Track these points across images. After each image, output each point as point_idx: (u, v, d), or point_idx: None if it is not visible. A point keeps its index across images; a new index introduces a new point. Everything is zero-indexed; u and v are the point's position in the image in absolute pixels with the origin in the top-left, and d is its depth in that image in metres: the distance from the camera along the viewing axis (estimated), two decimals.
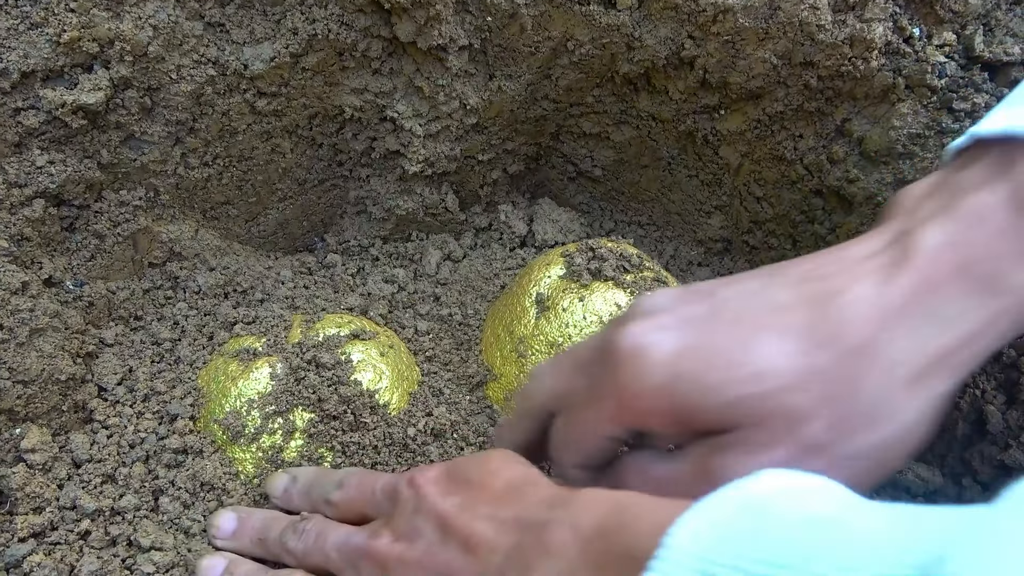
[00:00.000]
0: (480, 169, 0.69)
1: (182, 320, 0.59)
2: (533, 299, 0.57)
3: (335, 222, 0.72)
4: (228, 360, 0.54)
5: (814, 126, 0.60)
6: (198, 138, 0.59)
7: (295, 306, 0.62)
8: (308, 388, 0.51)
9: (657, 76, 0.63)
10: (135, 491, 0.49)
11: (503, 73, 0.62)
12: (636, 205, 0.75)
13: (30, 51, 0.51)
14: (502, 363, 0.57)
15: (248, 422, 0.51)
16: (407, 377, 0.57)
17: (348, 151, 0.67)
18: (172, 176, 0.60)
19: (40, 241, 0.54)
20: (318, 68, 0.59)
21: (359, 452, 0.51)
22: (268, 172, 0.64)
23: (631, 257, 0.58)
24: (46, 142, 0.53)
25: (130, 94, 0.54)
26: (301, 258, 0.69)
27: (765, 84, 0.59)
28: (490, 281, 0.66)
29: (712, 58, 0.59)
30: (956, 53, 0.55)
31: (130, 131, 0.56)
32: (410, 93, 0.62)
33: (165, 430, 0.52)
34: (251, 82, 0.58)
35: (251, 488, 0.50)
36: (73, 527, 0.47)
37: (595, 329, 0.54)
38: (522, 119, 0.67)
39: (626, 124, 0.69)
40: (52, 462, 0.49)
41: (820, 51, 0.55)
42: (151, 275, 0.61)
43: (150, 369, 0.55)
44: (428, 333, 0.62)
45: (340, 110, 0.63)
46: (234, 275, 0.63)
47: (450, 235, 0.71)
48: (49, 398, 0.50)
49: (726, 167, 0.67)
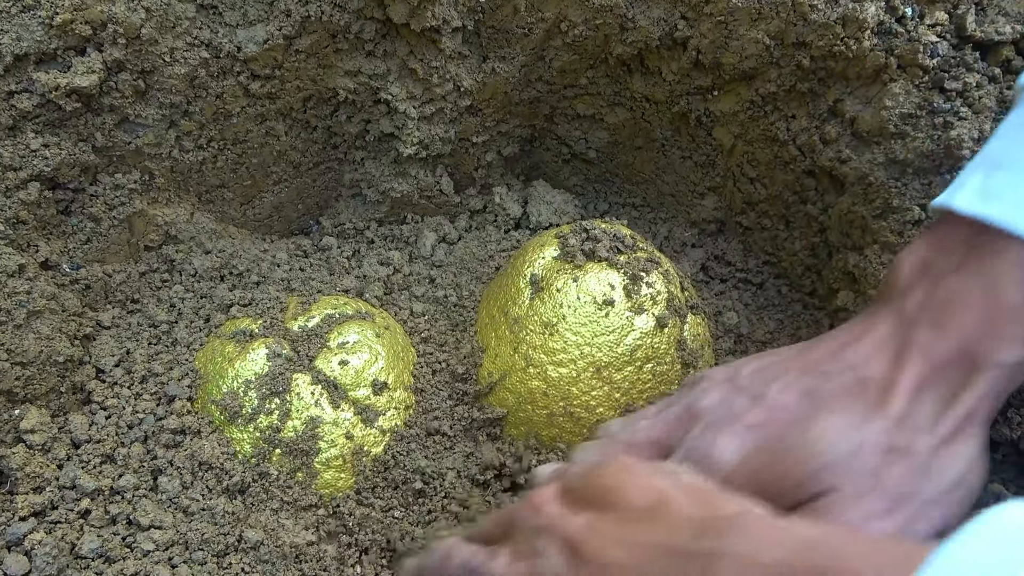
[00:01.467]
0: (474, 151, 0.69)
1: (179, 303, 0.60)
2: (527, 280, 0.58)
3: (330, 205, 0.72)
4: (225, 342, 0.55)
5: (807, 107, 0.60)
6: (192, 121, 0.59)
7: (291, 288, 0.62)
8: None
9: (651, 57, 0.63)
10: (134, 471, 0.50)
11: (497, 55, 0.62)
12: (630, 187, 0.75)
13: (23, 34, 0.50)
14: (497, 343, 0.57)
15: (245, 403, 0.51)
16: (403, 358, 0.57)
17: (342, 134, 0.67)
18: (167, 159, 0.60)
19: (36, 224, 0.54)
20: (311, 50, 0.59)
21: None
22: (263, 155, 0.65)
23: (625, 238, 0.59)
24: (40, 125, 0.53)
25: (123, 77, 0.54)
26: (297, 241, 0.69)
27: (758, 65, 0.59)
28: (485, 263, 0.66)
29: (705, 39, 0.59)
30: (948, 32, 0.55)
31: (124, 114, 0.56)
32: (404, 75, 0.62)
33: (163, 411, 0.52)
34: (244, 64, 0.58)
35: (249, 467, 0.50)
36: (73, 506, 0.47)
37: (589, 309, 0.55)
38: (516, 101, 0.67)
39: (620, 106, 0.69)
40: (51, 442, 0.49)
41: (813, 31, 0.55)
42: (147, 258, 0.61)
43: (147, 351, 0.56)
44: (424, 314, 0.62)
45: (334, 93, 0.63)
46: (230, 258, 0.63)
47: (445, 217, 0.71)
48: (47, 379, 0.50)
49: (719, 148, 0.67)
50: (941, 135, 0.52)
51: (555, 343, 0.55)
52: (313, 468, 0.51)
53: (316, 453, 0.51)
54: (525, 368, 0.55)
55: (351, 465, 0.52)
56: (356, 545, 0.51)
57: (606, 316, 0.55)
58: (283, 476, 0.51)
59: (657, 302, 0.56)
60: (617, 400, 0.54)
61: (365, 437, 0.53)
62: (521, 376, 0.55)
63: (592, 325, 0.54)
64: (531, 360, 0.55)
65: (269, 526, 0.49)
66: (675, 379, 0.56)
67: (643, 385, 0.55)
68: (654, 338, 0.55)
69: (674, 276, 0.59)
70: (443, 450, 0.56)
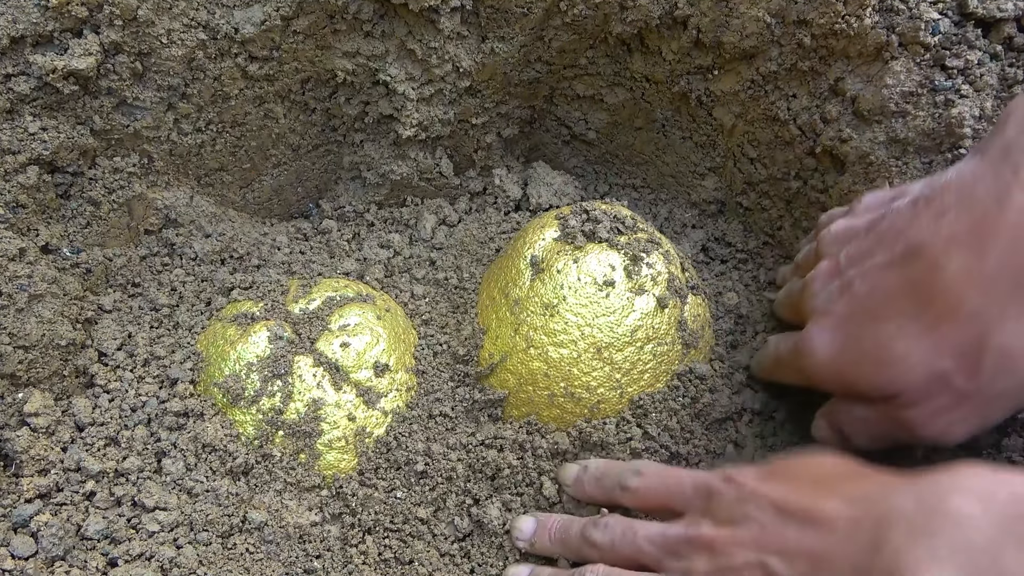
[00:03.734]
0: (474, 133, 0.69)
1: (180, 286, 0.60)
2: (528, 261, 0.58)
3: (330, 188, 0.72)
4: (226, 325, 0.55)
5: (807, 86, 0.60)
6: (191, 103, 0.59)
7: (291, 271, 0.62)
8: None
9: (650, 36, 0.63)
10: (138, 453, 0.50)
11: (496, 35, 0.62)
12: (630, 168, 0.75)
13: (19, 16, 0.50)
14: (498, 325, 0.57)
15: (247, 385, 0.51)
16: (404, 340, 0.57)
17: (341, 116, 0.67)
18: (165, 142, 0.60)
19: (36, 208, 0.54)
20: (309, 31, 0.59)
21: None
22: (261, 138, 0.64)
23: (625, 219, 0.58)
24: (38, 108, 0.53)
25: (121, 59, 0.54)
26: (296, 224, 0.69)
27: (759, 43, 0.58)
28: (485, 245, 0.66)
29: (705, 17, 0.58)
30: (950, 10, 0.54)
31: (122, 97, 0.56)
32: (402, 56, 0.62)
33: (166, 394, 0.53)
34: (242, 46, 0.57)
35: (253, 449, 0.51)
36: (78, 488, 0.48)
37: (590, 290, 0.55)
38: (515, 82, 0.67)
39: (619, 86, 0.69)
40: (55, 425, 0.49)
41: (814, 9, 0.55)
42: (147, 242, 0.61)
43: (149, 334, 0.56)
44: (424, 297, 0.63)
45: (332, 74, 0.63)
46: (230, 241, 0.63)
47: (445, 199, 0.71)
48: (50, 363, 0.50)
49: (720, 128, 0.67)
50: (942, 113, 0.52)
51: (556, 324, 0.55)
52: (316, 449, 0.51)
53: (319, 435, 0.51)
54: (526, 349, 0.55)
55: (353, 446, 0.52)
56: (359, 525, 0.51)
57: (607, 297, 0.55)
58: (286, 457, 0.51)
59: (658, 283, 0.56)
60: (618, 380, 0.54)
61: (367, 419, 0.53)
62: (522, 357, 0.55)
63: (593, 306, 0.54)
64: (532, 341, 0.55)
65: (273, 507, 0.49)
66: (676, 359, 0.56)
67: (644, 365, 0.55)
68: (655, 319, 0.55)
69: (674, 257, 0.59)
70: (445, 431, 0.56)
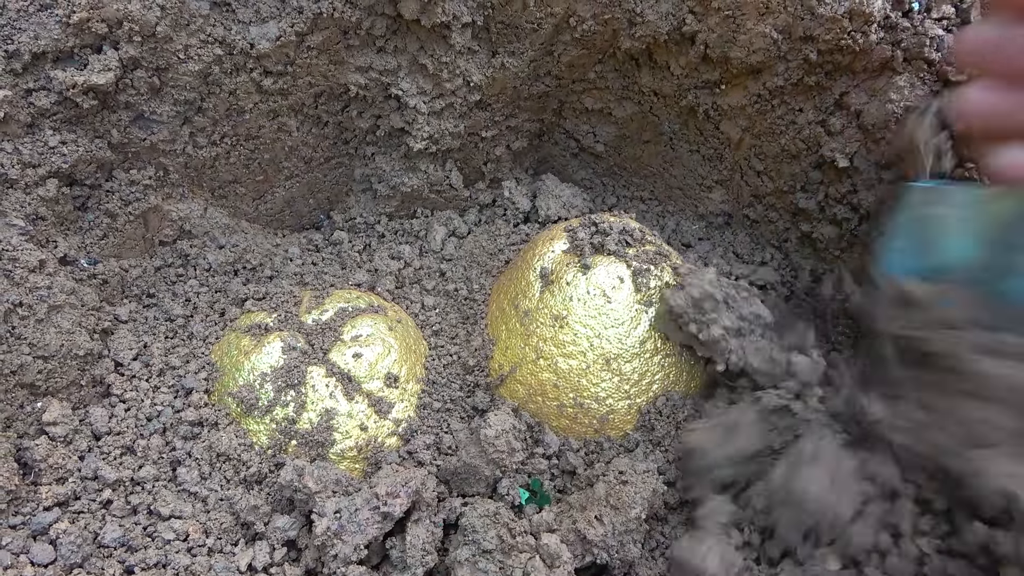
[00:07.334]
0: (484, 146, 0.70)
1: (194, 297, 0.61)
2: (537, 273, 0.58)
3: (341, 200, 0.73)
4: (240, 335, 0.56)
5: (813, 100, 0.60)
6: (206, 117, 0.60)
7: (304, 282, 0.63)
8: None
9: (659, 51, 0.64)
10: (153, 462, 0.51)
11: (506, 50, 0.63)
12: (638, 180, 0.75)
13: (40, 32, 0.51)
14: (507, 336, 0.58)
15: (261, 395, 0.52)
16: (415, 350, 0.58)
17: (353, 129, 0.68)
18: (181, 155, 0.61)
19: (54, 220, 0.55)
20: (323, 47, 0.60)
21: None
22: (275, 151, 0.65)
23: (633, 231, 0.59)
24: (58, 122, 0.54)
25: (139, 74, 0.55)
26: (308, 235, 0.70)
27: (766, 59, 0.59)
28: (495, 256, 0.67)
29: (713, 33, 0.59)
30: (954, 26, 0.55)
31: (139, 111, 0.57)
32: (414, 71, 0.63)
33: (181, 403, 0.53)
34: (257, 61, 0.59)
35: (266, 459, 0.51)
36: (95, 496, 0.48)
37: (598, 302, 0.55)
38: (525, 96, 0.68)
39: (628, 100, 0.69)
40: (73, 434, 0.50)
41: (820, 25, 0.56)
42: (162, 253, 0.62)
43: (164, 345, 0.57)
44: (435, 308, 0.63)
45: (345, 88, 0.64)
46: (243, 253, 0.64)
47: (455, 211, 0.72)
48: (68, 373, 0.51)
49: (727, 142, 0.67)
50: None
51: (565, 335, 0.55)
52: (328, 459, 0.52)
53: (331, 444, 0.52)
54: (535, 360, 0.56)
55: (365, 456, 0.53)
56: None
57: (615, 309, 0.55)
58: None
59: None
60: (627, 392, 0.55)
61: (379, 428, 0.54)
62: (531, 368, 0.56)
63: (601, 317, 0.55)
64: (541, 352, 0.56)
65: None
66: (683, 371, 0.57)
67: (652, 376, 0.56)
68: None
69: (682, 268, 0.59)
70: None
